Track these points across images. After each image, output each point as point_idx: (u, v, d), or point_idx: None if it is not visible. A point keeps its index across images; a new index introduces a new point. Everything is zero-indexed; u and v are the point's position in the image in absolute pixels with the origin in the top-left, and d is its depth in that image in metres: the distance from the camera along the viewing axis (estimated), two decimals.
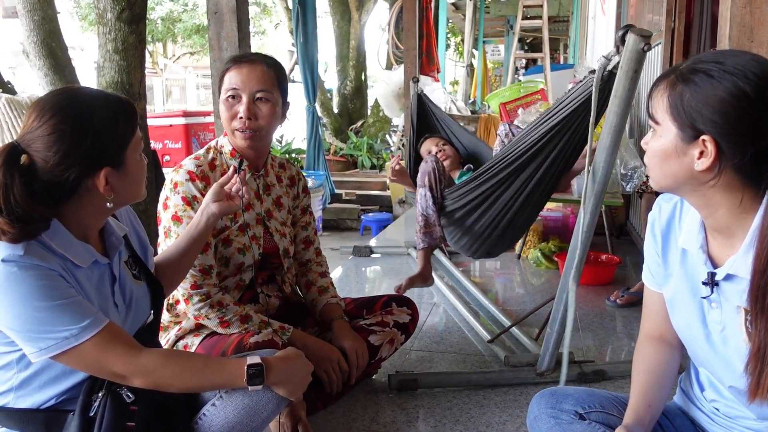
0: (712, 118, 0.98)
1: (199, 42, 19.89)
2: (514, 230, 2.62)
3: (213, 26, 2.80)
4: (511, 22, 12.36)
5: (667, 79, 1.04)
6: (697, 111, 0.99)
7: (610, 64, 1.83)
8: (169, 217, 1.75)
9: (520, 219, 2.52)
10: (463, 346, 2.59)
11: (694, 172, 1.02)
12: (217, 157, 1.86)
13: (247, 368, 1.30)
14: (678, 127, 1.02)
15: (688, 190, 1.06)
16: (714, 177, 1.01)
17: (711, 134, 0.98)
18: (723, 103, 0.97)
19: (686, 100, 1.00)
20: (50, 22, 4.80)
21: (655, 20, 3.85)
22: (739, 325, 1.06)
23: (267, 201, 1.94)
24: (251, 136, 1.80)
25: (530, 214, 2.55)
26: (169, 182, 1.79)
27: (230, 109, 1.79)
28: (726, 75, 0.97)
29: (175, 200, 1.75)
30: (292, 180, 2.05)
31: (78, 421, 1.21)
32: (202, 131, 7.43)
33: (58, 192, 1.19)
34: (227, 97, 1.79)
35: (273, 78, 1.81)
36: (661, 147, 1.05)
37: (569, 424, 1.26)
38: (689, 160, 1.02)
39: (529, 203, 2.44)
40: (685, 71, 1.02)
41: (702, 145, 1.00)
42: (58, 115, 1.17)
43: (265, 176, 1.95)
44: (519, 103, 4.67)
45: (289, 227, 2.01)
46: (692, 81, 1.00)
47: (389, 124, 9.68)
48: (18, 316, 1.13)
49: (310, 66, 6.24)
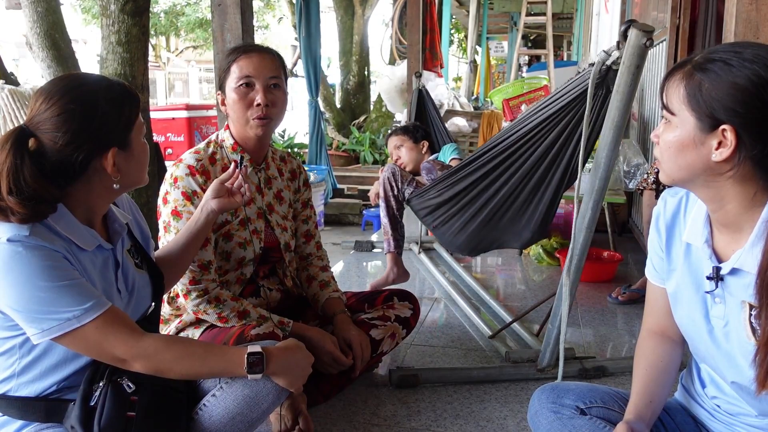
0: (733, 107, 0.96)
1: (202, 36, 19.88)
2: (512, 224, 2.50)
3: (217, 18, 2.80)
4: (514, 18, 12.35)
5: (682, 70, 1.03)
6: (717, 100, 0.97)
7: (610, 58, 1.83)
8: (169, 212, 1.74)
9: (519, 212, 2.43)
10: (464, 341, 2.59)
11: (710, 163, 1.00)
12: (217, 151, 1.84)
13: (247, 356, 1.30)
14: (696, 117, 1.00)
15: (701, 183, 1.04)
16: (731, 168, 1.00)
17: (731, 123, 0.97)
18: (744, 91, 0.95)
19: (705, 89, 0.98)
20: (53, 14, 4.80)
21: (659, 17, 3.83)
22: (743, 321, 1.05)
23: (268, 195, 1.93)
24: (267, 124, 1.79)
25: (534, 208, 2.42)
26: (169, 177, 1.77)
27: (245, 98, 1.76)
28: (746, 63, 0.95)
29: (175, 195, 1.74)
30: (293, 173, 2.04)
31: (78, 411, 1.21)
32: (204, 125, 7.41)
33: (68, 172, 1.20)
34: (240, 85, 1.76)
35: (279, 66, 1.82)
36: (677, 138, 1.03)
37: (570, 419, 1.26)
38: (707, 150, 1.00)
39: (526, 195, 2.36)
40: (701, 61, 1.00)
41: (721, 135, 0.98)
42: (66, 97, 1.19)
43: (266, 169, 1.94)
44: (522, 100, 4.67)
45: (291, 221, 2.01)
46: (711, 70, 0.98)
47: (392, 119, 9.67)
48: (21, 296, 1.13)
49: (313, 61, 6.23)
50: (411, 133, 3.36)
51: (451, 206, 2.55)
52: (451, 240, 2.68)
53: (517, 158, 2.28)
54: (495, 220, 2.46)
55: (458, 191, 2.49)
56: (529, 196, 2.34)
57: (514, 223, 2.44)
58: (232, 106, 1.79)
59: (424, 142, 3.36)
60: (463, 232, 2.57)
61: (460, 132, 5.60)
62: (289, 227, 1.99)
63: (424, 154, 3.33)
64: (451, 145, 3.44)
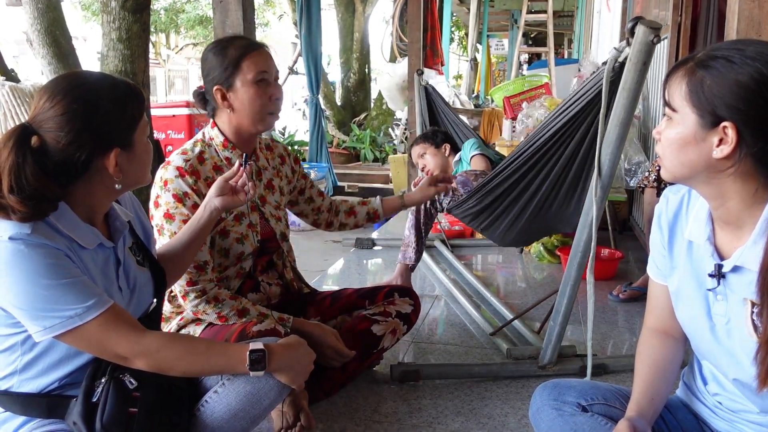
0: (734, 104, 0.96)
1: (202, 33, 19.85)
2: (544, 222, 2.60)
3: (218, 15, 2.80)
4: (515, 16, 12.33)
5: (684, 67, 1.03)
6: (719, 97, 0.97)
7: (621, 55, 1.82)
8: (161, 215, 1.73)
9: (566, 200, 2.47)
10: (465, 338, 2.59)
11: (711, 160, 1.01)
12: (205, 149, 1.82)
13: (249, 353, 1.30)
14: (697, 113, 1.00)
15: (703, 180, 1.05)
16: (732, 165, 1.00)
17: (732, 120, 0.97)
18: (746, 89, 0.95)
19: (707, 86, 0.98)
20: (54, 10, 4.79)
21: (661, 15, 3.83)
22: (745, 318, 1.05)
23: (260, 186, 1.94)
24: (277, 117, 1.85)
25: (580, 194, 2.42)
26: (159, 180, 1.75)
27: (264, 93, 1.76)
28: (748, 61, 0.95)
29: (166, 198, 1.73)
30: (282, 158, 2.05)
31: (81, 407, 1.22)
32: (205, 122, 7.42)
33: (69, 172, 1.20)
34: (258, 81, 1.75)
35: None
36: (678, 135, 1.03)
37: (572, 416, 1.26)
38: (708, 147, 1.00)
39: (569, 184, 2.40)
40: (703, 58, 1.01)
41: (722, 132, 0.98)
42: (70, 96, 1.18)
43: (257, 161, 1.95)
44: (523, 97, 4.65)
45: (283, 210, 2.02)
46: (713, 67, 0.98)
47: (392, 117, 9.67)
48: (24, 294, 1.13)
49: (314, 58, 6.23)
50: (431, 139, 3.33)
51: (494, 210, 2.61)
52: (502, 237, 2.75)
53: (552, 155, 2.32)
54: (543, 211, 2.52)
55: (497, 196, 2.54)
56: (572, 184, 2.39)
57: (563, 211, 2.50)
58: (247, 102, 1.75)
59: (445, 145, 3.32)
60: (512, 229, 2.64)
61: None
62: (283, 216, 2.00)
63: (447, 157, 3.31)
64: (468, 142, 3.36)
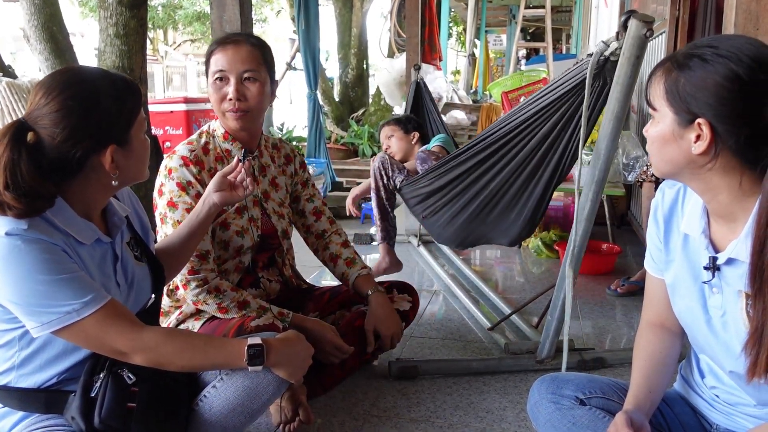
0: (707, 101, 0.99)
1: (199, 29, 19.80)
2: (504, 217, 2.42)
3: (215, 10, 2.79)
4: (513, 11, 12.30)
5: (663, 67, 1.06)
6: (692, 95, 1.01)
7: (608, 49, 1.82)
8: (165, 203, 1.75)
9: (507, 208, 2.37)
10: (463, 333, 2.59)
11: (691, 155, 1.03)
12: (210, 141, 1.86)
13: (247, 348, 1.31)
14: (674, 112, 1.04)
15: (688, 175, 1.07)
16: (711, 160, 1.02)
17: (706, 117, 1.00)
18: (716, 86, 0.98)
19: (681, 85, 1.02)
20: (51, 6, 4.77)
21: (659, 9, 3.82)
22: (740, 310, 1.06)
23: (263, 182, 1.94)
24: (242, 116, 1.79)
25: (523, 205, 2.34)
26: (164, 168, 1.78)
27: (219, 92, 1.78)
28: (719, 59, 0.99)
29: (170, 186, 1.75)
30: (288, 158, 2.05)
31: (79, 402, 1.22)
32: (203, 117, 7.38)
33: (65, 169, 1.19)
34: (215, 79, 1.77)
35: (259, 57, 1.79)
36: (659, 132, 1.07)
37: (570, 410, 1.26)
38: (686, 144, 1.03)
39: (515, 192, 2.31)
40: (680, 57, 1.04)
41: (698, 129, 1.01)
42: (66, 92, 1.17)
43: (260, 157, 1.94)
44: (521, 92, 4.64)
45: (287, 208, 2.01)
46: (687, 66, 1.02)
47: (391, 112, 9.64)
48: (21, 290, 1.13)
49: (312, 54, 6.21)
50: (402, 124, 3.40)
51: (441, 196, 2.54)
52: (439, 232, 2.67)
53: (508, 150, 2.25)
54: (483, 215, 2.44)
55: (449, 180, 2.46)
56: (517, 193, 2.30)
57: (501, 220, 2.41)
58: (210, 99, 1.81)
59: (414, 133, 3.38)
60: (451, 224, 2.56)
61: (459, 125, 5.59)
62: (286, 214, 1.99)
63: (414, 145, 3.35)
64: (439, 136, 3.48)
